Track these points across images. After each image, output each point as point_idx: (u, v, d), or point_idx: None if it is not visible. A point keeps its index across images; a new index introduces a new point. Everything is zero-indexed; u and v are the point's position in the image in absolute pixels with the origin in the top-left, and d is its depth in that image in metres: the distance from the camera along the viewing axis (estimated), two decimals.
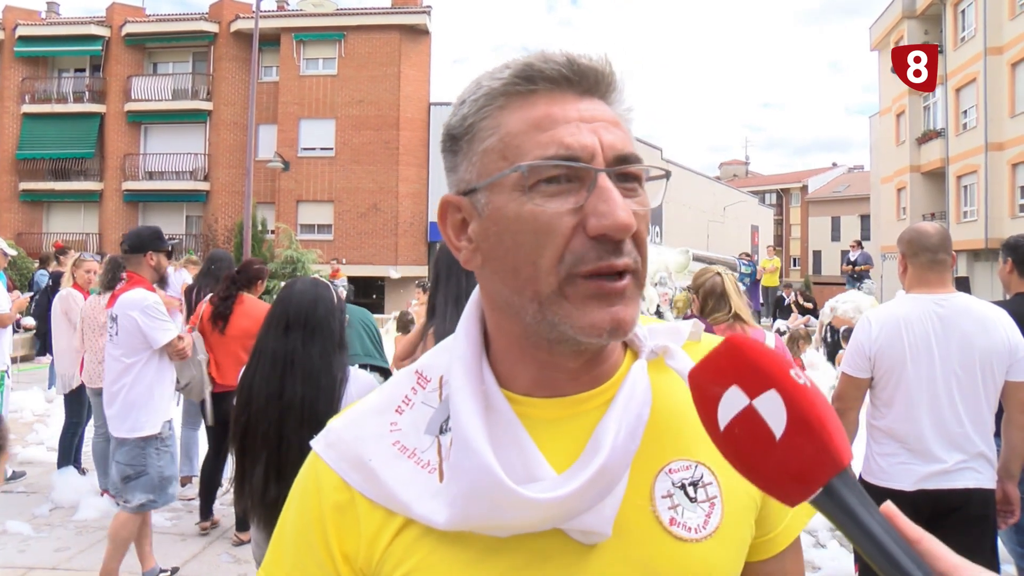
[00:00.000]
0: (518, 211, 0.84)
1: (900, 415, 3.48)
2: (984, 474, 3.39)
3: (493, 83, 0.88)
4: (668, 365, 0.95)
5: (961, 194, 31.06)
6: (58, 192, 32.78)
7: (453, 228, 0.94)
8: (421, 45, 32.49)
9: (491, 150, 0.87)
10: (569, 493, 0.82)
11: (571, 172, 0.83)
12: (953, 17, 31.19)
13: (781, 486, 0.70)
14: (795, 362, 5.21)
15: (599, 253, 0.83)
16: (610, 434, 0.86)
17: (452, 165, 0.93)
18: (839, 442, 0.68)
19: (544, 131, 0.84)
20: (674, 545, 0.90)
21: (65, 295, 7.30)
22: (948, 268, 3.56)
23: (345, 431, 0.96)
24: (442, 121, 0.94)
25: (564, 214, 0.83)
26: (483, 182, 0.87)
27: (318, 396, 2.86)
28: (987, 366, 3.39)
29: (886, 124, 37.71)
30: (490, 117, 0.88)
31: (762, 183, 69.56)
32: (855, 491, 0.68)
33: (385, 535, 0.90)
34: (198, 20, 33.32)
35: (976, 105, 29.25)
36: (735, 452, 0.72)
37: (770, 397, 0.69)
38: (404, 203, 31.18)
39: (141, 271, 4.98)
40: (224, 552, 5.62)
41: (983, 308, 3.49)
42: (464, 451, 0.85)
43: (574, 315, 0.84)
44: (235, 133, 32.27)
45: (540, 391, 0.93)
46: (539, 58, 0.87)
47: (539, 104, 0.86)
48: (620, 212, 0.82)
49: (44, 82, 33.59)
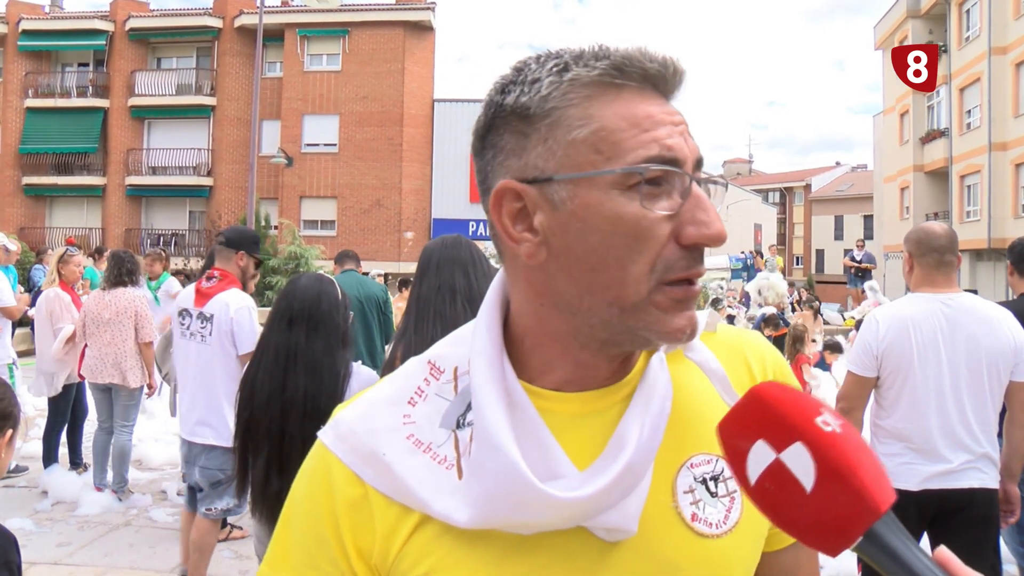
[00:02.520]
0: (618, 211, 0.80)
1: (906, 414, 3.47)
2: (989, 474, 3.39)
3: (584, 70, 0.82)
4: (687, 357, 0.94)
5: (964, 194, 31.05)
6: (61, 187, 32.81)
7: (510, 216, 0.86)
8: (425, 42, 32.48)
9: (582, 142, 0.81)
10: (596, 492, 0.81)
11: (666, 176, 0.81)
12: (957, 17, 31.15)
13: (820, 537, 0.68)
14: (801, 359, 5.28)
15: (689, 262, 0.82)
16: (634, 430, 0.85)
17: (518, 147, 0.85)
18: (874, 488, 0.65)
19: (645, 131, 0.81)
20: (696, 541, 0.89)
21: (52, 296, 7.09)
22: (955, 268, 3.56)
23: (357, 423, 0.93)
24: (446, 118, 0.90)
25: (662, 220, 0.80)
26: (569, 175, 0.82)
27: (321, 390, 2.85)
28: (993, 366, 3.39)
29: (890, 123, 37.69)
30: (578, 106, 0.82)
31: (765, 181, 69.52)
32: (899, 536, 0.66)
33: (402, 532, 0.87)
34: (202, 15, 33.33)
35: (980, 105, 29.23)
36: (769, 506, 0.71)
37: (796, 450, 0.68)
38: (407, 199, 31.18)
39: (229, 267, 4.80)
40: (226, 548, 5.61)
41: (989, 308, 3.49)
42: (489, 450, 0.83)
43: (661, 320, 0.82)
44: (239, 128, 32.26)
45: (567, 387, 0.90)
46: (640, 53, 0.83)
47: (632, 101, 0.82)
48: (718, 222, 0.81)
49: (47, 76, 33.61)
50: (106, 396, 6.70)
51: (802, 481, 0.67)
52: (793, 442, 0.68)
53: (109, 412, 6.74)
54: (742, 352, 1.02)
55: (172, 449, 7.74)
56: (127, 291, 6.60)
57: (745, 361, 1.01)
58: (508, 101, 0.85)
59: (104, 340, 6.48)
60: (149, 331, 6.58)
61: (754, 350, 1.03)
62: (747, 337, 1.06)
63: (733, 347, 1.02)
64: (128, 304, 6.55)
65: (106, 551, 5.58)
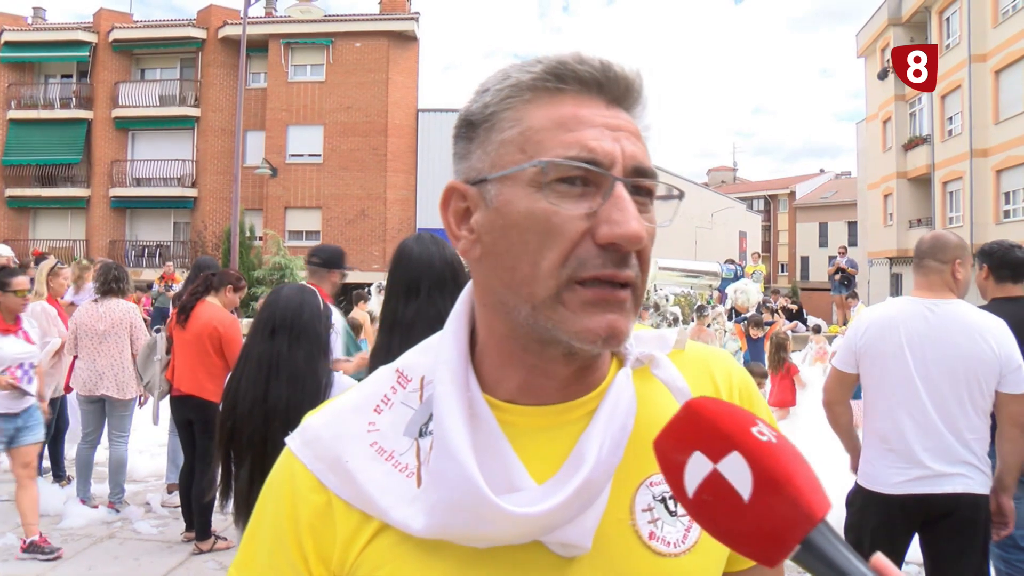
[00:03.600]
0: (530, 207, 0.82)
1: (883, 415, 3.52)
2: (974, 479, 3.37)
3: (522, 76, 0.85)
4: (653, 374, 0.93)
5: (947, 200, 31.25)
6: (45, 198, 32.62)
7: (455, 216, 0.91)
8: (409, 52, 32.51)
9: (509, 142, 0.85)
10: (552, 507, 0.80)
11: (589, 176, 0.82)
12: (938, 24, 31.40)
13: (758, 547, 0.68)
14: (792, 370, 5.40)
15: (604, 261, 0.81)
16: (594, 446, 0.84)
17: (464, 152, 0.90)
18: (810, 495, 0.66)
19: (569, 131, 0.82)
20: (653, 560, 0.89)
21: (39, 311, 7.02)
22: (936, 273, 3.56)
23: (323, 429, 0.94)
24: (431, 128, 0.92)
25: (576, 218, 0.81)
26: (496, 173, 0.85)
27: (303, 399, 2.86)
28: (972, 375, 3.37)
29: (873, 131, 37.92)
30: (513, 109, 0.85)
31: (750, 189, 69.78)
32: (835, 544, 0.66)
33: (361, 539, 0.88)
34: (186, 26, 33.27)
35: (961, 112, 29.45)
36: (707, 518, 0.70)
37: (733, 459, 0.68)
38: (392, 209, 31.16)
39: (324, 285, 5.01)
40: (210, 559, 5.60)
41: (976, 317, 3.48)
42: (446, 459, 0.83)
43: (569, 320, 0.82)
44: (223, 139, 32.18)
45: (525, 398, 0.90)
46: (574, 58, 0.85)
47: (566, 104, 0.84)
48: (634, 222, 0.81)
49: (31, 88, 33.45)
50: (97, 408, 6.68)
51: (739, 490, 0.67)
52: (729, 451, 0.68)
53: (97, 424, 6.72)
54: (709, 370, 1.02)
55: (156, 461, 7.73)
56: (120, 303, 6.61)
57: (712, 379, 1.01)
58: (463, 112, 0.90)
59: (99, 352, 6.46)
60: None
61: (721, 368, 1.03)
62: (715, 355, 1.06)
63: (701, 365, 1.02)
64: (123, 315, 6.55)
65: (90, 564, 5.56)
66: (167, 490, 6.90)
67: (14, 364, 5.29)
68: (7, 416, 5.38)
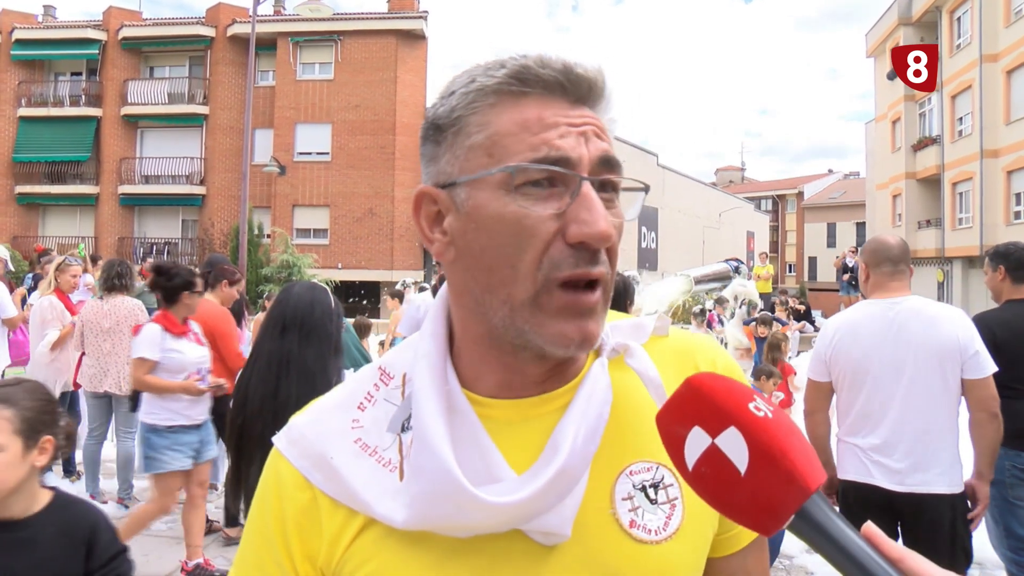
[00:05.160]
0: (501, 211, 0.84)
1: (857, 417, 3.61)
2: (945, 478, 3.45)
3: (486, 80, 0.87)
4: (628, 364, 0.95)
5: (956, 201, 31.14)
6: (54, 195, 32.73)
7: (427, 220, 0.93)
8: (418, 50, 32.51)
9: (477, 147, 0.86)
10: (527, 496, 0.82)
11: (556, 177, 0.84)
12: (949, 24, 31.29)
13: (755, 518, 0.71)
14: (787, 370, 5.43)
15: (576, 260, 0.83)
16: (569, 436, 0.86)
17: (433, 155, 0.92)
18: (804, 468, 0.69)
19: (534, 134, 0.84)
20: (633, 547, 0.90)
21: (47, 305, 7.11)
22: (907, 277, 3.70)
23: (307, 427, 0.96)
24: None
25: (547, 219, 0.83)
26: (465, 177, 0.87)
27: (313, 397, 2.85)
28: (938, 365, 3.46)
29: (882, 131, 37.81)
30: (479, 113, 0.87)
31: (758, 189, 69.67)
32: (829, 514, 0.68)
33: (347, 535, 0.90)
34: (195, 24, 33.32)
35: (971, 112, 29.35)
36: (706, 490, 0.74)
37: (731, 434, 0.71)
38: (400, 208, 31.18)
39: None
40: (219, 555, 5.62)
41: (934, 308, 3.60)
42: (425, 452, 0.85)
43: (545, 324, 0.84)
44: (231, 137, 32.23)
45: (503, 393, 0.93)
46: (536, 62, 0.86)
47: (531, 107, 0.85)
48: (602, 222, 0.83)
49: (40, 85, 33.56)
50: (103, 404, 6.72)
51: (736, 464, 0.70)
52: (727, 427, 0.71)
53: (104, 420, 6.76)
54: (692, 357, 1.03)
55: None
56: (125, 300, 6.63)
57: (695, 366, 1.02)
58: (430, 115, 0.92)
59: (104, 349, 6.49)
60: None
61: (705, 354, 1.05)
62: (699, 341, 1.07)
63: (684, 352, 1.03)
64: (128, 312, 6.57)
65: None
66: None
67: (193, 369, 5.14)
68: (192, 428, 5.14)
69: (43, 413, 2.14)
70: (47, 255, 11.53)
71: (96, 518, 2.21)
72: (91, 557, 2.12)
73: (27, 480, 2.08)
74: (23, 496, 2.08)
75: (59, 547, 2.08)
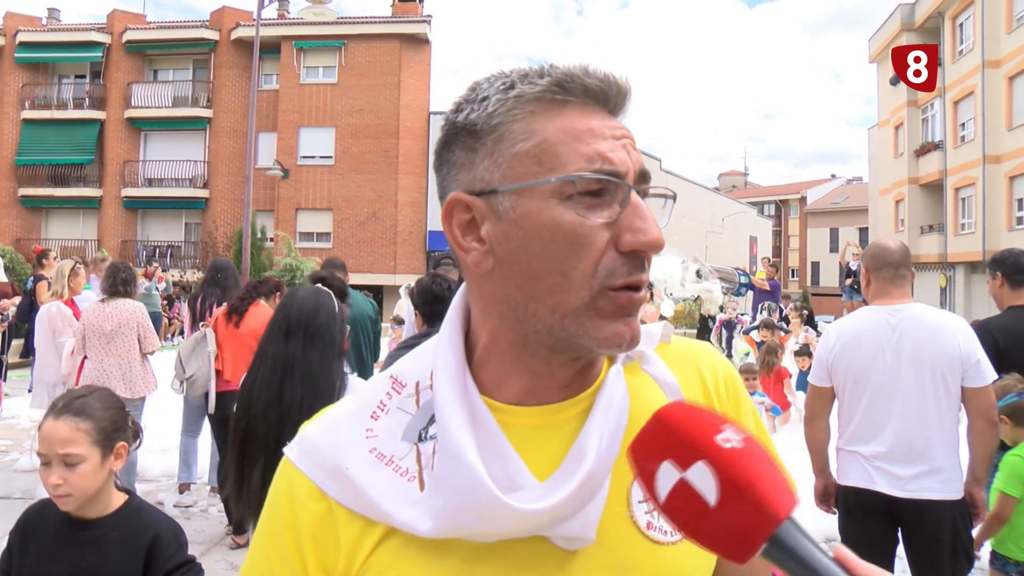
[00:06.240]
0: (556, 219, 0.84)
1: (859, 424, 3.60)
2: (947, 484, 3.45)
3: (527, 88, 0.86)
4: (644, 370, 0.97)
5: (959, 206, 31.14)
6: (57, 198, 32.81)
7: (460, 228, 0.91)
8: (421, 54, 32.58)
9: (525, 154, 0.85)
10: (558, 502, 0.83)
11: (609, 186, 0.84)
12: (951, 30, 31.31)
13: (728, 547, 0.71)
14: (783, 374, 5.48)
15: (629, 268, 0.85)
16: (594, 441, 0.87)
17: (467, 162, 0.89)
18: (773, 498, 0.69)
19: (586, 144, 0.84)
20: (651, 548, 0.92)
21: (55, 312, 7.06)
22: (908, 281, 3.68)
23: (320, 438, 0.95)
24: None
25: (600, 228, 0.84)
26: (512, 185, 0.86)
27: (317, 401, 2.86)
28: (938, 373, 3.46)
29: (884, 136, 37.83)
30: (522, 121, 0.86)
31: (761, 194, 69.71)
32: (801, 539, 0.69)
33: (366, 544, 0.90)
34: (199, 28, 33.42)
35: (974, 118, 29.37)
36: (678, 522, 0.74)
37: (699, 468, 0.71)
38: (403, 212, 31.23)
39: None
40: (222, 560, 5.61)
41: (936, 316, 3.59)
42: (453, 464, 0.85)
43: (599, 327, 0.85)
44: (235, 140, 32.31)
45: (526, 400, 0.93)
46: (581, 71, 0.86)
47: (574, 116, 0.86)
48: (655, 229, 0.85)
49: (44, 88, 33.65)
50: None
51: (706, 497, 0.71)
52: (695, 461, 0.72)
53: None
54: (695, 363, 1.05)
55: (169, 460, 7.73)
56: (127, 303, 6.63)
57: (698, 371, 1.04)
58: (460, 119, 0.90)
59: (106, 352, 6.48)
60: (152, 341, 6.60)
61: (707, 361, 1.07)
62: (700, 348, 1.09)
63: (687, 358, 1.05)
64: (130, 315, 6.56)
65: None
66: (179, 490, 6.92)
67: None
68: None
69: (116, 420, 2.24)
70: (46, 256, 11.56)
71: (160, 528, 2.25)
72: (150, 566, 2.17)
73: (104, 484, 2.19)
74: (100, 500, 2.19)
75: (119, 551, 2.15)
